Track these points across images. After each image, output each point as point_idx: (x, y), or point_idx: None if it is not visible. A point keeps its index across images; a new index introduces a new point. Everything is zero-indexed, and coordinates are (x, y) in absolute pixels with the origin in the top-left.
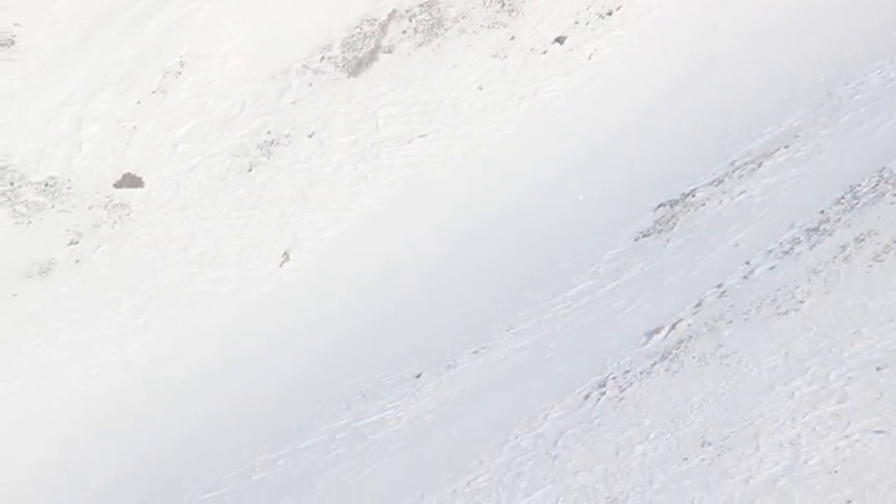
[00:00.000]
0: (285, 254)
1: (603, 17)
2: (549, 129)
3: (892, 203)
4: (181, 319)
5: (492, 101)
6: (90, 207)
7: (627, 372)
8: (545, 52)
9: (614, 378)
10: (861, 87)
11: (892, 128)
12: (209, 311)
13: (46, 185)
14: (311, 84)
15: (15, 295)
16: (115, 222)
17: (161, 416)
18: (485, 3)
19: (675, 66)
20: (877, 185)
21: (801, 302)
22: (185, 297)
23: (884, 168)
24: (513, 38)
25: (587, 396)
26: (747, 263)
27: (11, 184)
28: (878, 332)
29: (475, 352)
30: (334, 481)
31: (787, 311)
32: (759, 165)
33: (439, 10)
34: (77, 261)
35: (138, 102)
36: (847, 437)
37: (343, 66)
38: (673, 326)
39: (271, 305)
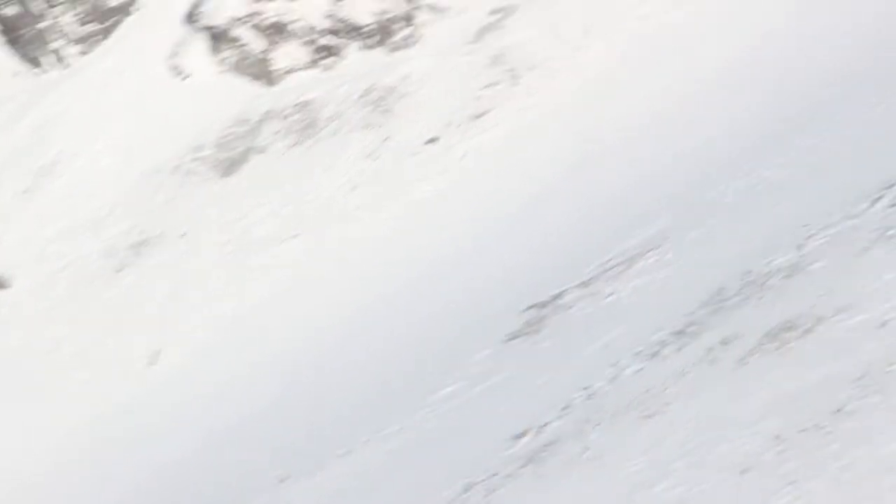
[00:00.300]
0: (154, 355)
1: (476, 119)
2: (422, 230)
3: (758, 306)
4: (49, 420)
5: (364, 202)
6: None
7: (494, 475)
8: (418, 152)
9: (481, 482)
10: (729, 189)
11: (758, 231)
12: (78, 412)
13: None
14: (183, 184)
15: None
16: None
17: None
18: (359, 104)
19: (547, 167)
20: (742, 288)
21: (668, 404)
22: (55, 399)
23: (750, 271)
24: (386, 138)
25: (452, 500)
26: (615, 366)
27: None
28: (743, 435)
29: (341, 456)
30: None
31: (653, 414)
32: (629, 267)
33: (313, 110)
34: None
35: (7, 202)
36: None
37: (215, 166)
38: (540, 429)
39: (140, 406)
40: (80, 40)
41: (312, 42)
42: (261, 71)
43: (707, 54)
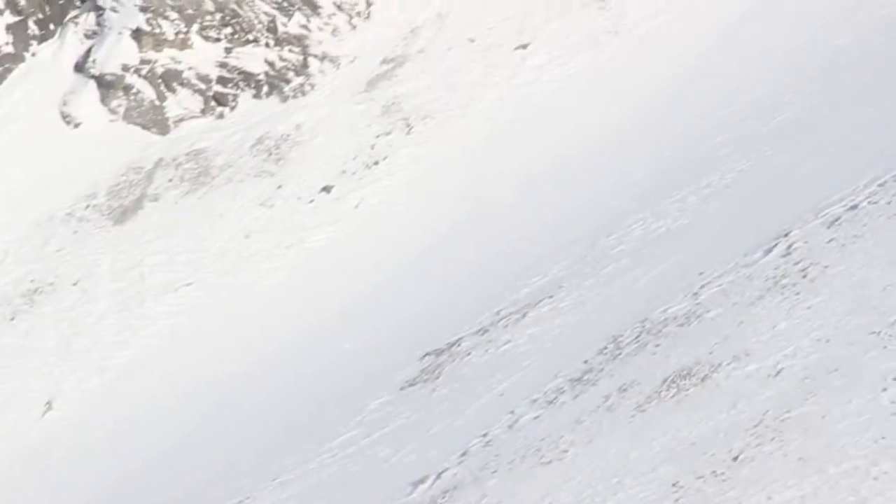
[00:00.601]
0: (48, 403)
1: (370, 167)
2: (316, 277)
3: (654, 353)
4: None
5: (259, 249)
6: None
7: None
8: (312, 200)
9: None
10: (623, 238)
11: (654, 279)
12: None
13: None
14: (75, 232)
15: None
16: None
17: None
18: (252, 153)
19: (442, 216)
20: (639, 335)
21: (565, 451)
22: None
23: (646, 319)
24: (280, 186)
25: None
26: (512, 413)
27: None
28: (641, 482)
29: (240, 502)
30: None
31: (550, 461)
32: (524, 315)
33: (206, 158)
34: None
35: None
36: None
37: (108, 214)
38: (438, 476)
39: (34, 455)
40: None
41: (205, 91)
42: (153, 119)
43: (600, 107)
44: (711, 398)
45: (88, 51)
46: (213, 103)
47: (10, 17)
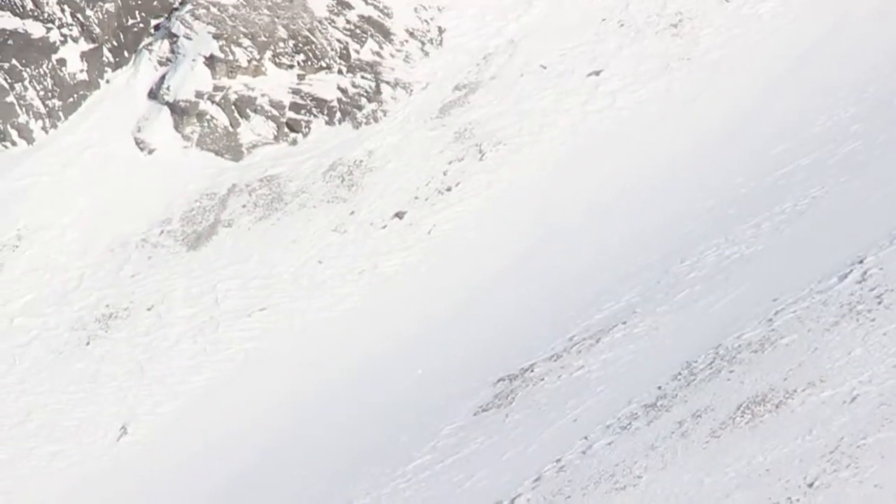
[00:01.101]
0: (123, 427)
1: (442, 193)
2: (389, 303)
3: (729, 379)
4: (17, 493)
5: (331, 275)
6: None
7: None
8: (385, 226)
9: None
10: (697, 264)
11: (727, 305)
12: (46, 486)
13: None
14: (150, 257)
15: None
16: None
17: None
18: (325, 178)
19: (514, 241)
20: (713, 361)
21: (639, 477)
22: (22, 472)
23: (720, 345)
24: (352, 212)
25: None
26: (585, 438)
27: None
28: None
29: None
30: None
31: (625, 487)
32: (598, 341)
33: (279, 184)
34: None
35: None
36: None
37: (182, 240)
38: (511, 502)
39: (108, 479)
40: (45, 115)
41: (278, 117)
42: (226, 146)
43: (671, 134)
44: (786, 424)
45: (162, 78)
46: (286, 130)
47: (84, 45)
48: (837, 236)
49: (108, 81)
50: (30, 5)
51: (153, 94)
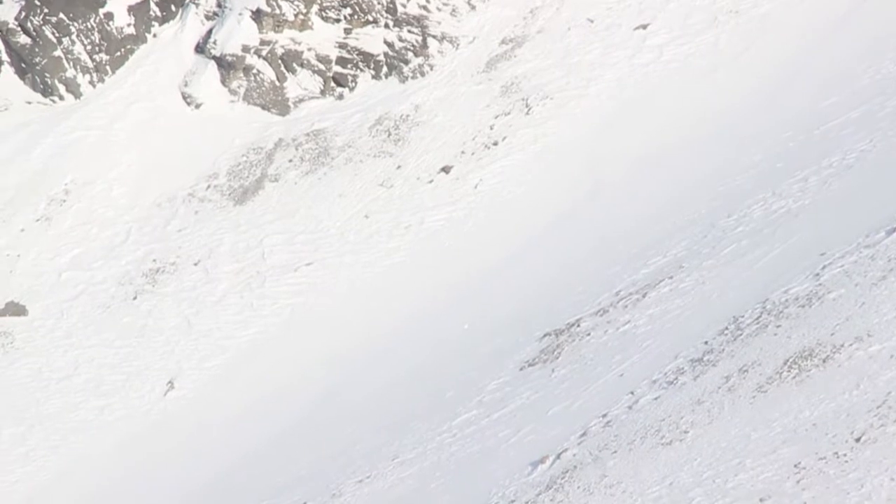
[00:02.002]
0: (170, 382)
1: (489, 148)
2: (435, 258)
3: (775, 334)
4: (64, 447)
5: (378, 230)
6: None
7: (513, 502)
8: (431, 181)
9: None
10: (744, 218)
11: (774, 259)
12: (93, 440)
13: None
14: (196, 212)
15: None
16: None
17: None
18: (371, 133)
19: (560, 196)
20: (760, 316)
21: (686, 432)
22: (69, 426)
23: (766, 299)
24: (399, 167)
25: None
26: (632, 393)
27: None
28: (762, 462)
29: (360, 481)
30: None
31: (671, 442)
32: (644, 296)
33: (325, 138)
34: None
35: (22, 230)
36: None
37: (229, 195)
38: (558, 456)
39: (155, 433)
40: (93, 69)
41: (324, 71)
42: (273, 100)
43: (719, 87)
44: (833, 379)
45: (209, 32)
46: (332, 84)
47: None
48: (885, 190)
49: (154, 35)
50: None
51: (200, 49)
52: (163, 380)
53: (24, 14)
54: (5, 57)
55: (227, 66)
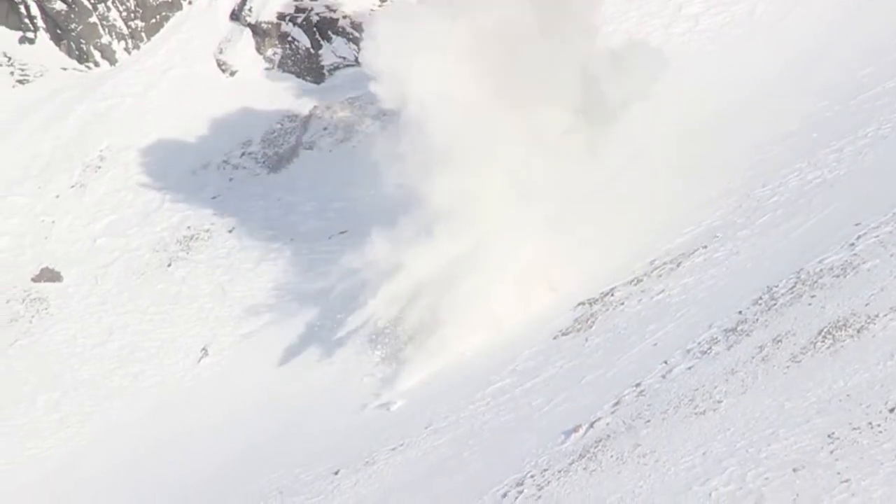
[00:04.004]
0: (204, 349)
1: None
2: None
3: (810, 304)
4: (98, 414)
5: (411, 198)
6: (7, 301)
7: (545, 470)
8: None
9: (532, 476)
10: (779, 188)
11: (809, 229)
12: (127, 406)
13: None
14: (231, 179)
15: None
16: (32, 316)
17: None
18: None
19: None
20: (794, 286)
21: (719, 402)
22: (103, 392)
23: (801, 269)
24: None
25: (505, 494)
26: (665, 363)
27: None
28: (795, 433)
29: (393, 449)
30: None
31: (704, 411)
32: (678, 265)
33: (360, 107)
34: None
35: (57, 196)
36: None
37: (263, 162)
38: (591, 425)
39: (189, 400)
40: (128, 36)
41: (359, 39)
42: (308, 68)
43: (754, 57)
44: (867, 349)
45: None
46: None
47: None
48: None
49: (190, 2)
50: None
51: (235, 16)
52: (197, 347)
53: None
54: (41, 23)
55: (262, 33)
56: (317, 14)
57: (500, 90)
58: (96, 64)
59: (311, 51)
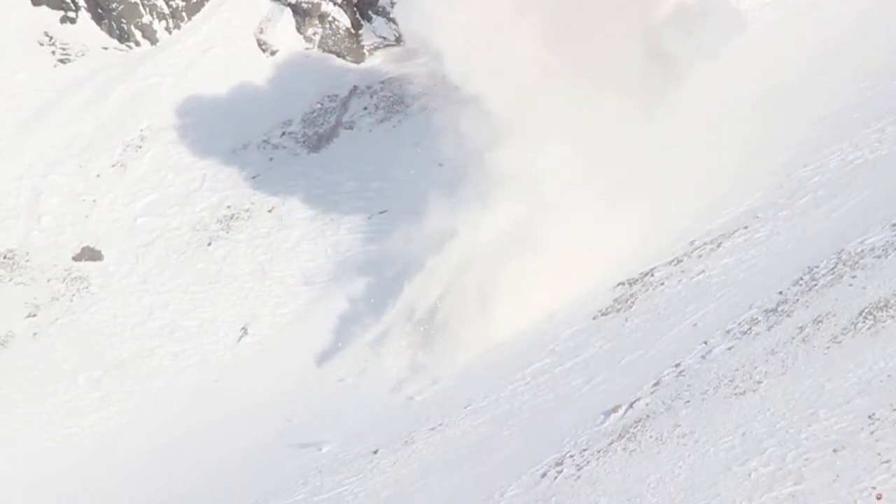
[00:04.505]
0: (244, 328)
1: None
2: None
3: (851, 285)
4: (139, 393)
5: (452, 178)
6: (48, 280)
7: (585, 450)
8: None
9: (571, 456)
10: (820, 169)
11: (850, 210)
12: (167, 385)
13: (4, 257)
14: (271, 159)
15: None
16: (73, 295)
17: (117, 492)
18: (445, 81)
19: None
20: (835, 266)
21: (759, 382)
22: (143, 371)
23: (842, 250)
24: None
25: (544, 474)
26: (705, 343)
27: None
28: (835, 413)
29: (433, 428)
30: None
31: (744, 392)
32: (718, 246)
33: (400, 86)
34: (35, 333)
35: (98, 175)
36: None
37: (303, 142)
38: (630, 405)
39: (229, 379)
40: (169, 16)
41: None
42: (348, 47)
43: (796, 37)
44: None
45: None
46: None
47: None
48: None
49: None
50: None
51: None
52: (237, 326)
53: None
54: (82, 2)
55: (302, 13)
56: None
57: (561, 48)
58: (137, 43)
59: (352, 30)
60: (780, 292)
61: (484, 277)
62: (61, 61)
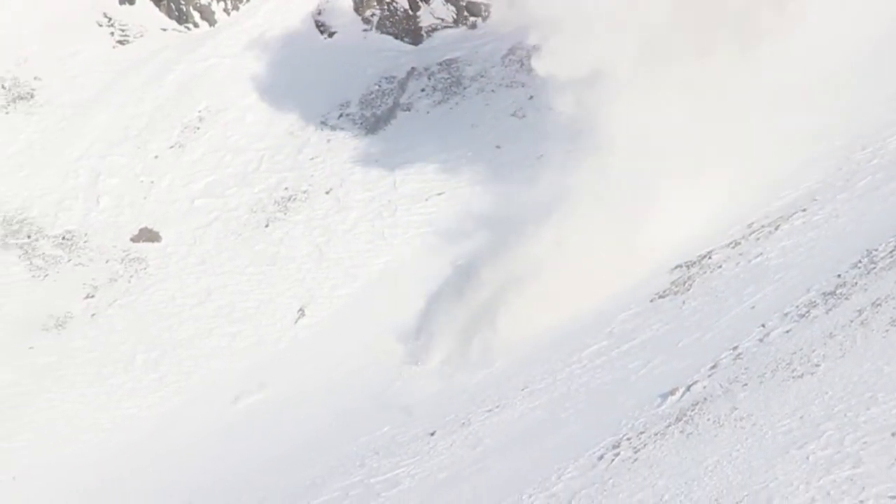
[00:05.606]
0: (301, 310)
1: None
2: None
3: None
4: (197, 374)
5: (510, 160)
6: (107, 261)
7: (642, 433)
8: (563, 111)
9: (629, 439)
10: (879, 151)
11: None
12: (224, 366)
13: (63, 238)
14: (329, 140)
15: (31, 348)
16: (131, 276)
17: (174, 472)
18: (503, 62)
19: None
20: (894, 249)
21: (817, 366)
22: (201, 352)
23: None
24: (531, 97)
25: (601, 457)
26: (763, 326)
27: (28, 237)
28: (894, 397)
29: (489, 410)
30: None
31: (802, 375)
32: (776, 228)
33: (458, 68)
34: (93, 314)
35: (156, 157)
36: (861, 502)
37: (361, 123)
38: (688, 388)
39: (287, 361)
40: None
41: (457, 0)
42: (406, 29)
43: (855, 18)
44: None
45: None
46: (465, 13)
47: None
48: None
49: None
50: None
51: None
52: (294, 307)
53: None
54: None
55: None
56: None
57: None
58: (195, 25)
59: (410, 12)
60: (839, 275)
61: (542, 258)
62: (120, 42)
